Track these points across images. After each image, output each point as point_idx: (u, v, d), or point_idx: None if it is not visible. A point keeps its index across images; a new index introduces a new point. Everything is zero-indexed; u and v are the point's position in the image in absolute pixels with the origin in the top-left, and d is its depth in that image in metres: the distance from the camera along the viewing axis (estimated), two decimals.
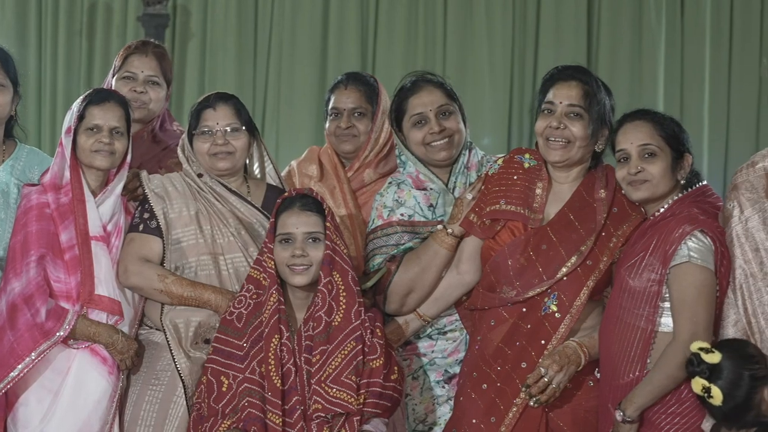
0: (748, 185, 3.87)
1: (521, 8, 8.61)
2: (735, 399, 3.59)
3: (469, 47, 8.53)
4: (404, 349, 4.33)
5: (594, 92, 4.07)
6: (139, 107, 4.69)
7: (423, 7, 8.51)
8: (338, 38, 8.52)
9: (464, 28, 8.56)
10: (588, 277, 4.00)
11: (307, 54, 8.39)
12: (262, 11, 8.51)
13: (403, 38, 8.49)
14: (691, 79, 8.77)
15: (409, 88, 4.37)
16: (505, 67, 8.55)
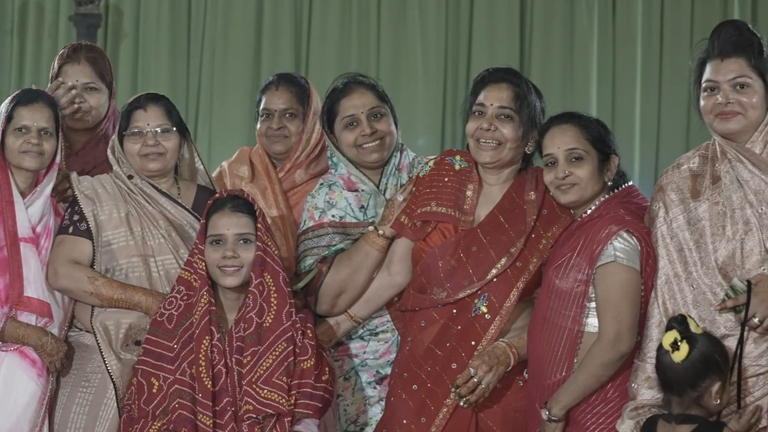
0: (673, 186, 3.91)
1: (454, 10, 8.63)
2: (693, 367, 3.58)
3: (402, 48, 8.54)
4: (336, 350, 4.33)
5: (524, 94, 4.09)
6: (81, 117, 4.65)
7: (356, 8, 8.51)
8: (272, 38, 8.50)
9: (397, 30, 8.57)
10: (518, 278, 4.02)
11: (240, 54, 8.36)
12: (195, 11, 8.48)
13: (337, 39, 8.49)
14: (622, 80, 8.83)
15: (341, 89, 4.37)
16: (438, 68, 8.57)
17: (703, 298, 3.75)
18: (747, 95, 3.75)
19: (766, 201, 3.73)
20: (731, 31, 3.80)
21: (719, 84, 3.77)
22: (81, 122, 4.63)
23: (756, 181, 3.74)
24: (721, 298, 3.70)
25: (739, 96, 3.75)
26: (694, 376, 3.59)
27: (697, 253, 3.78)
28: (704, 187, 3.85)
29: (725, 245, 3.74)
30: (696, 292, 3.76)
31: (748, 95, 3.75)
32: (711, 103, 3.79)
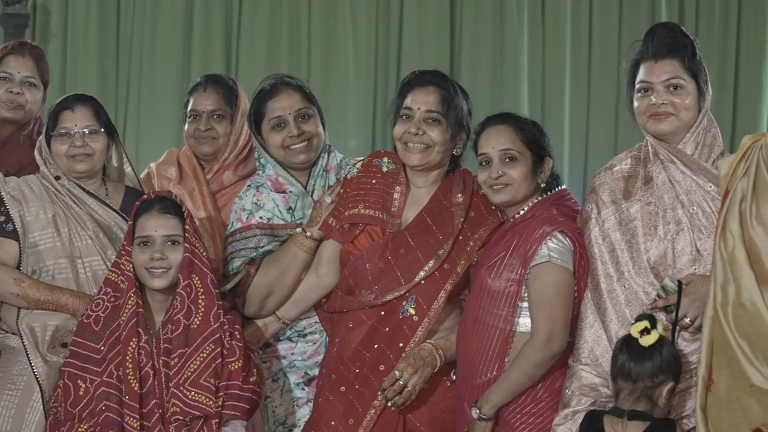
0: (605, 187, 3.96)
1: (384, 10, 8.63)
2: (657, 357, 3.62)
3: (333, 49, 8.52)
4: (264, 351, 4.34)
5: (451, 97, 4.11)
6: (15, 108, 4.63)
7: (287, 8, 8.49)
8: (202, 38, 8.44)
9: (328, 31, 8.55)
10: (445, 280, 4.04)
11: (169, 54, 8.29)
12: (124, 11, 8.40)
13: (266, 39, 8.45)
14: (552, 83, 8.87)
15: (268, 91, 4.37)
16: (369, 69, 8.56)
17: (635, 298, 3.79)
18: (680, 97, 3.81)
19: (697, 201, 3.79)
20: (665, 33, 3.85)
21: (653, 85, 3.82)
22: (12, 113, 4.59)
23: (687, 182, 3.80)
24: (652, 298, 3.75)
25: (672, 97, 3.80)
26: (656, 366, 3.63)
27: (628, 254, 3.83)
28: (636, 188, 3.90)
29: (657, 245, 3.79)
30: (628, 292, 3.81)
31: (681, 97, 3.81)
32: (645, 104, 3.84)
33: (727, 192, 3.54)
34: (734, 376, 3.39)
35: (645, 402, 3.64)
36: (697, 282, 3.69)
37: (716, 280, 3.47)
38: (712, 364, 3.48)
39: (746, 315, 3.36)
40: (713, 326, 3.46)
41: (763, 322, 3.31)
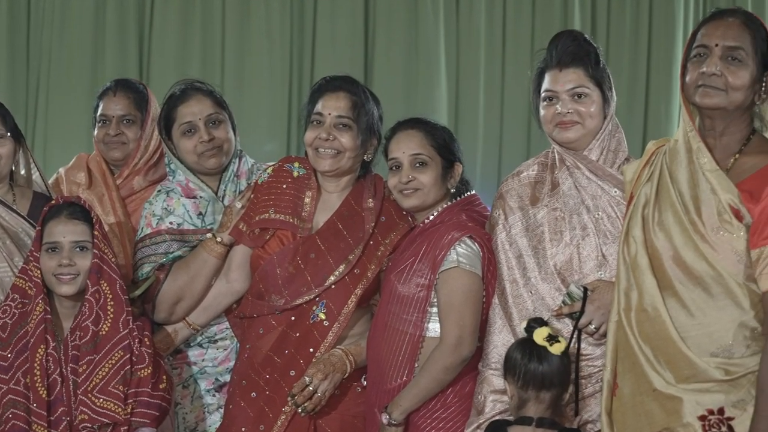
0: (513, 193, 4.00)
1: (299, 14, 8.61)
2: (567, 365, 3.67)
3: (247, 53, 8.47)
4: (174, 357, 4.33)
5: (362, 103, 4.13)
6: None
7: (200, 12, 8.43)
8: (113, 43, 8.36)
9: (242, 34, 8.50)
10: (356, 285, 4.06)
11: (79, 59, 8.19)
12: (34, 13, 8.29)
13: (178, 43, 8.38)
14: (466, 87, 8.90)
15: (179, 96, 4.37)
16: (283, 73, 8.52)
17: (542, 304, 3.83)
18: (585, 105, 3.85)
19: (602, 206, 3.83)
20: (569, 42, 3.89)
21: (558, 94, 3.86)
22: None
23: (593, 187, 3.85)
24: (559, 304, 3.79)
25: (577, 106, 3.84)
26: (566, 373, 3.68)
27: (535, 259, 3.87)
28: (543, 194, 3.94)
29: (563, 250, 3.83)
30: (534, 298, 3.85)
31: (586, 105, 3.85)
32: (550, 112, 3.88)
33: (631, 197, 3.59)
34: (638, 381, 3.42)
35: (552, 409, 3.68)
36: (602, 288, 3.73)
37: (620, 285, 3.51)
38: (616, 369, 3.52)
39: (648, 320, 3.39)
40: (617, 331, 3.50)
41: (664, 327, 3.35)
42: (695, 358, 3.29)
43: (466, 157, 4.23)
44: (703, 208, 3.32)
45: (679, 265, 3.34)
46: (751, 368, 3.25)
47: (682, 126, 3.47)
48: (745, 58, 3.35)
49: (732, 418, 3.27)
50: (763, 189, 3.25)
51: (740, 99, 3.36)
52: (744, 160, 3.37)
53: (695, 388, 3.29)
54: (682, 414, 3.30)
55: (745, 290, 3.26)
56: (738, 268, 3.27)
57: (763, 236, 3.22)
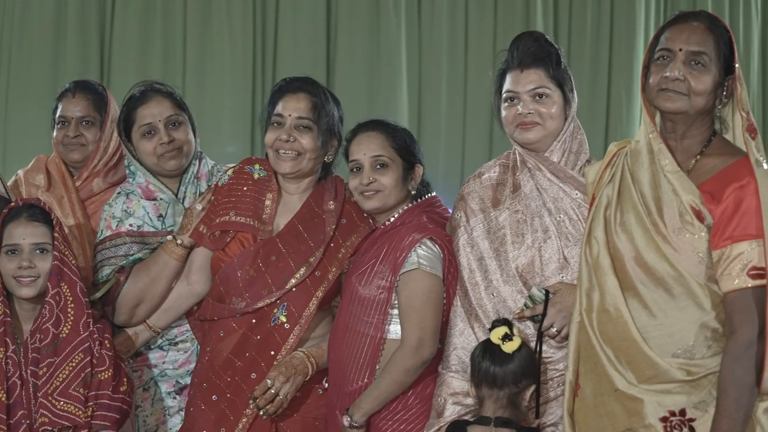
0: (474, 195, 4.00)
1: (261, 15, 8.59)
2: (521, 362, 3.67)
3: (208, 53, 8.46)
4: (135, 360, 4.31)
5: (322, 104, 4.12)
6: None
7: (161, 12, 8.40)
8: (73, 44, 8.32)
9: (203, 34, 8.48)
10: (317, 287, 4.05)
11: (38, 60, 8.14)
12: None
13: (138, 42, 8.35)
14: (428, 89, 8.91)
15: (138, 97, 4.35)
16: (246, 74, 8.50)
17: (504, 306, 3.83)
18: (546, 106, 3.85)
19: (564, 209, 3.84)
20: (530, 43, 3.89)
21: (519, 94, 3.86)
22: None
23: (554, 190, 3.85)
24: (520, 306, 3.79)
25: (538, 106, 3.85)
26: (520, 371, 3.68)
27: (496, 262, 3.86)
28: (505, 196, 3.94)
29: (525, 253, 3.83)
30: (496, 300, 3.84)
31: (547, 106, 3.85)
32: (512, 113, 3.88)
33: (593, 198, 3.59)
34: (599, 381, 3.43)
35: (510, 409, 3.68)
36: (564, 291, 3.74)
37: (582, 286, 3.52)
38: (579, 369, 3.53)
39: (610, 321, 3.40)
40: (579, 332, 3.51)
41: (626, 328, 3.35)
42: (657, 359, 3.30)
43: (428, 159, 4.24)
44: (665, 209, 3.34)
45: (640, 265, 3.35)
46: (713, 369, 3.27)
47: (644, 128, 3.49)
48: (708, 63, 3.36)
49: (693, 420, 3.28)
50: (723, 190, 3.26)
51: (702, 103, 3.37)
52: (705, 162, 3.38)
53: (657, 389, 3.30)
54: (643, 415, 3.31)
55: (707, 291, 3.28)
56: (699, 269, 3.29)
57: (725, 237, 3.24)
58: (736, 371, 3.21)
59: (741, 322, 3.22)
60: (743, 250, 3.22)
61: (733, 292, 3.23)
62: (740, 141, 3.42)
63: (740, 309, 3.22)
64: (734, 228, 3.23)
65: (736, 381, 3.21)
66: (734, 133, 3.46)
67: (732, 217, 3.24)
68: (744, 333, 3.21)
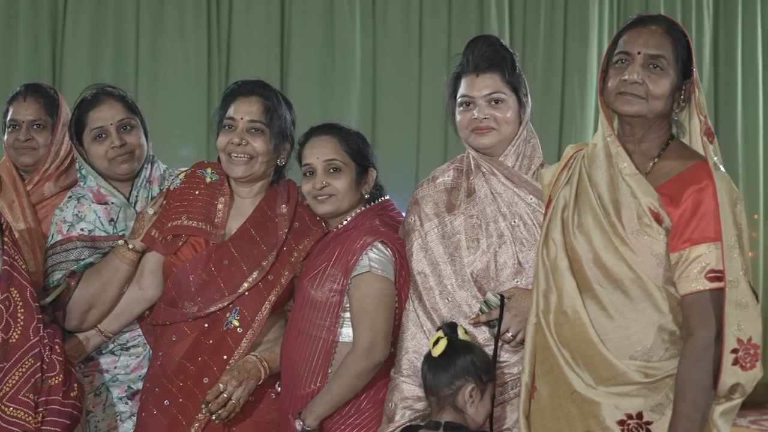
0: (428, 200, 3.99)
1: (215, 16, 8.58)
2: (448, 365, 3.66)
3: (161, 56, 8.43)
4: (86, 365, 4.28)
5: (274, 107, 4.10)
6: None
7: (113, 15, 8.36)
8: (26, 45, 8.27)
9: (156, 37, 8.44)
10: (270, 291, 4.04)
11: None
12: None
13: (90, 45, 8.31)
14: (382, 92, 8.91)
15: (90, 101, 4.32)
16: (200, 77, 8.48)
17: (459, 311, 3.82)
18: (501, 111, 3.84)
19: (518, 213, 3.84)
20: (485, 47, 3.88)
21: (474, 99, 3.85)
22: None
23: (509, 194, 3.85)
24: (475, 312, 3.79)
25: (493, 111, 3.84)
26: (449, 375, 3.66)
27: (451, 266, 3.85)
28: (459, 201, 3.93)
29: (480, 258, 3.83)
30: (451, 305, 3.83)
31: (503, 111, 3.84)
32: (467, 118, 3.87)
33: (549, 201, 3.59)
34: (556, 383, 3.43)
35: (452, 412, 3.67)
36: (519, 296, 3.73)
37: (539, 287, 3.51)
38: (535, 372, 3.52)
39: (568, 322, 3.40)
40: (536, 333, 3.50)
41: (584, 330, 3.35)
42: (615, 361, 3.30)
43: (382, 162, 4.23)
44: (624, 211, 3.34)
45: (599, 267, 3.35)
46: (670, 371, 3.28)
47: (601, 131, 3.48)
48: (666, 66, 3.36)
49: (650, 422, 3.29)
50: (681, 193, 3.27)
51: (660, 107, 3.38)
52: (662, 165, 3.39)
53: (614, 391, 3.31)
54: (601, 418, 3.31)
55: (664, 293, 3.28)
56: (657, 271, 3.29)
57: (683, 240, 3.25)
58: (694, 374, 3.22)
59: (698, 325, 3.23)
60: (701, 253, 3.23)
61: (691, 294, 3.24)
62: (697, 145, 3.42)
63: (698, 312, 3.24)
64: (692, 231, 3.25)
65: (694, 383, 3.22)
66: (691, 137, 3.47)
67: (690, 219, 3.25)
68: (701, 336, 3.22)
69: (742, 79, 9.72)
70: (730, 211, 3.26)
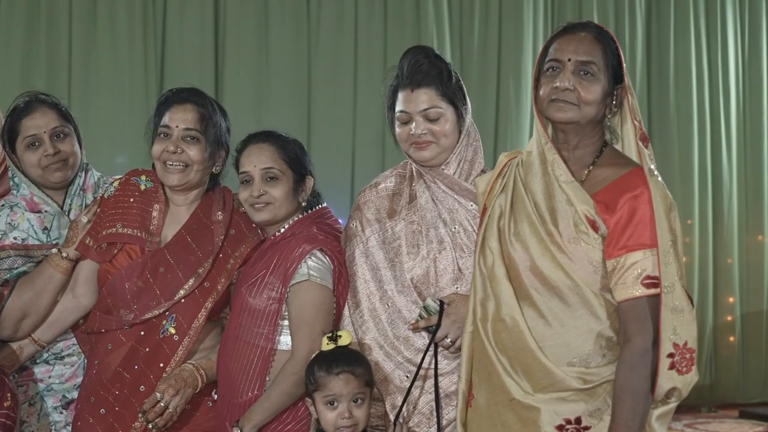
0: (370, 205, 3.99)
1: (151, 22, 8.55)
2: None
3: (94, 63, 8.39)
4: (20, 374, 4.23)
5: (210, 115, 4.09)
6: None
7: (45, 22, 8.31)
8: None
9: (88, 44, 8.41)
10: (206, 298, 4.02)
11: None
12: None
13: (22, 52, 8.26)
14: (317, 99, 8.93)
15: (23, 108, 4.27)
16: (134, 84, 8.46)
17: (398, 316, 3.82)
18: (439, 124, 3.84)
19: (459, 220, 3.84)
20: (421, 59, 3.87)
21: (411, 115, 3.84)
22: None
23: (449, 201, 3.86)
24: (415, 317, 3.79)
25: (431, 125, 3.83)
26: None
27: (391, 272, 3.86)
28: (401, 207, 3.94)
29: (420, 263, 3.83)
30: (390, 311, 3.84)
31: (440, 124, 3.84)
32: (405, 132, 3.86)
33: (485, 209, 3.59)
34: (494, 391, 3.43)
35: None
36: (458, 302, 3.74)
37: (476, 295, 3.51)
38: (472, 379, 3.52)
39: (506, 330, 3.40)
40: (473, 341, 3.51)
41: (522, 337, 3.36)
42: (553, 368, 3.31)
43: (318, 170, 4.22)
44: (560, 218, 3.35)
45: (536, 275, 3.36)
46: (607, 377, 3.29)
47: (536, 138, 3.48)
48: (596, 72, 3.37)
49: (589, 428, 3.30)
50: (617, 200, 3.29)
51: (593, 113, 3.39)
52: (597, 172, 3.40)
53: (552, 397, 3.31)
54: (539, 424, 3.32)
55: (601, 300, 3.29)
56: (594, 278, 3.30)
57: (619, 247, 3.27)
58: (632, 379, 3.23)
59: (635, 331, 3.25)
60: (637, 260, 3.25)
61: (628, 301, 3.26)
62: (631, 150, 3.44)
63: (634, 318, 3.25)
64: (628, 238, 3.26)
65: (632, 389, 3.23)
66: (623, 142, 3.49)
67: (626, 227, 3.27)
68: (638, 341, 3.24)
69: (674, 83, 9.82)
70: (665, 217, 3.28)
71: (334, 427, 3.65)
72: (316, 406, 3.70)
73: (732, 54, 10.04)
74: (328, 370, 3.65)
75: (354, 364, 3.66)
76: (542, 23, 9.41)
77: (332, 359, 3.66)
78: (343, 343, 3.70)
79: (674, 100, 9.82)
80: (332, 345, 3.70)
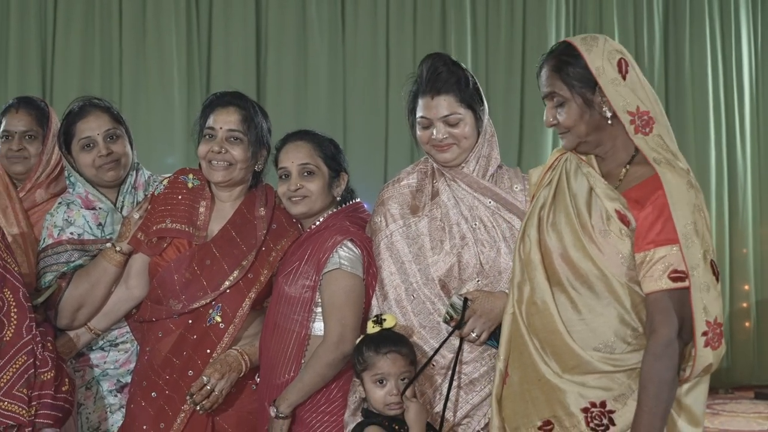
0: (394, 201, 3.97)
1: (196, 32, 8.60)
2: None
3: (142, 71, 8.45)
4: (77, 360, 4.25)
5: (251, 116, 4.11)
6: None
7: (98, 30, 8.37)
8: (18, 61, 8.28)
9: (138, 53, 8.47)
10: (250, 289, 4.04)
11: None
12: None
13: (80, 61, 8.32)
14: (352, 102, 8.97)
15: (77, 112, 4.30)
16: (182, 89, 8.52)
17: (423, 308, 3.82)
18: (459, 128, 3.83)
19: (479, 216, 3.84)
20: (439, 67, 3.85)
21: (432, 121, 3.83)
22: None
23: (469, 199, 3.86)
24: (440, 311, 3.78)
25: (451, 129, 3.82)
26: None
27: (416, 265, 3.85)
28: (423, 203, 3.93)
29: (444, 258, 3.83)
30: (416, 302, 3.83)
31: (460, 128, 3.83)
32: (426, 136, 3.86)
33: (533, 199, 3.61)
34: (525, 370, 3.43)
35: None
36: (482, 298, 3.73)
37: (515, 279, 3.53)
38: (509, 359, 3.54)
39: (538, 312, 3.40)
40: (512, 323, 3.51)
41: (552, 320, 3.36)
42: (580, 351, 3.30)
43: (352, 167, 4.23)
44: (594, 212, 3.35)
45: (567, 263, 3.36)
46: (632, 365, 3.28)
47: None
48: (568, 98, 3.40)
49: (613, 411, 3.29)
50: (648, 197, 3.27)
51: (583, 130, 3.41)
52: (634, 170, 3.39)
53: (579, 380, 3.31)
54: (566, 404, 3.32)
55: (627, 290, 3.28)
56: (621, 269, 3.29)
57: (648, 241, 3.25)
58: (657, 368, 3.21)
59: (661, 323, 3.22)
60: (665, 254, 3.23)
61: (654, 293, 3.23)
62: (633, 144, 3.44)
63: (660, 309, 3.23)
64: (658, 233, 3.24)
65: (657, 378, 3.21)
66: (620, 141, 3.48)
67: (654, 222, 3.25)
68: (664, 332, 3.22)
69: (691, 83, 9.82)
70: (684, 201, 3.25)
71: (383, 404, 3.63)
72: (364, 386, 3.67)
73: (746, 54, 10.01)
74: (376, 350, 3.64)
75: (400, 345, 3.65)
76: (564, 26, 9.40)
77: (380, 340, 3.65)
78: (388, 326, 3.69)
79: (691, 99, 9.79)
80: (378, 328, 3.69)
